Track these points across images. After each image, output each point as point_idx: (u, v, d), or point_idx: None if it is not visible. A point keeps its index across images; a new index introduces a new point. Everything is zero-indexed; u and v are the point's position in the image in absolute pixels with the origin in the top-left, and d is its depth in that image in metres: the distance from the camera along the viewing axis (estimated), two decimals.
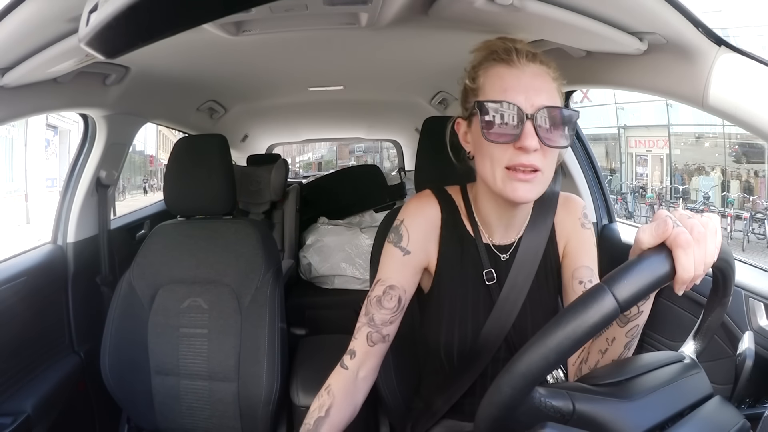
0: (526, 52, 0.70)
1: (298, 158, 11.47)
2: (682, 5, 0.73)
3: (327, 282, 2.27)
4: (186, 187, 1.27)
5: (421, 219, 0.81)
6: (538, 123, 0.66)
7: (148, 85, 1.43)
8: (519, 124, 0.66)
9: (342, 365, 0.80)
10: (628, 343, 0.64)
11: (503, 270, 0.81)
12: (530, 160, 0.66)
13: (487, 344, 0.79)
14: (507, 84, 0.68)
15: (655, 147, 12.36)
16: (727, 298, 0.60)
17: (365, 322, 0.80)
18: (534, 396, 0.50)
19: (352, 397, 0.79)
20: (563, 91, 0.74)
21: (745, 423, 0.55)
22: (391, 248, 0.81)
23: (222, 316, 1.22)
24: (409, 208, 0.83)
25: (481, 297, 0.81)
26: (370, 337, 0.79)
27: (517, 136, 0.66)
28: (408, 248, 0.80)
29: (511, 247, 0.82)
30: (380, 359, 0.82)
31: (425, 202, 0.83)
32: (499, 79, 0.69)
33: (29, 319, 1.24)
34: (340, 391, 0.78)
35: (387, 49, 1.25)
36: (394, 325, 0.80)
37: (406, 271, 0.80)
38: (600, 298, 0.45)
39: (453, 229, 0.82)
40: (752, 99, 0.74)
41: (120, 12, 0.42)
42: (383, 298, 0.79)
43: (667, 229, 0.46)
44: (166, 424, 1.23)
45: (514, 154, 0.67)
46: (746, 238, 8.89)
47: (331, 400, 0.77)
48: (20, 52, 0.87)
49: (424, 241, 0.81)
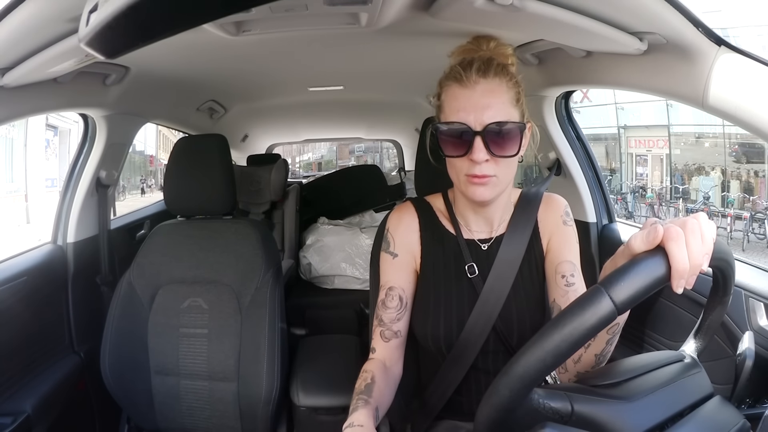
0: (479, 66, 0.77)
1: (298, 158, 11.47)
2: (682, 5, 0.73)
3: (327, 282, 2.27)
4: (186, 187, 1.27)
5: (402, 226, 0.91)
6: (487, 137, 0.76)
7: (148, 85, 1.43)
8: (469, 140, 0.76)
9: (370, 357, 0.88)
10: (610, 340, 0.67)
11: (485, 264, 0.87)
12: (482, 170, 0.77)
13: (473, 336, 0.84)
14: (459, 104, 0.78)
15: (655, 147, 12.35)
16: (728, 298, 0.60)
17: (377, 324, 0.89)
18: (532, 398, 0.50)
19: (388, 374, 0.85)
20: (521, 96, 0.81)
21: (745, 423, 0.55)
22: (384, 255, 0.91)
23: (222, 316, 1.22)
24: (392, 218, 0.93)
25: (465, 290, 0.87)
26: (383, 335, 0.87)
27: (468, 150, 0.76)
28: (395, 252, 0.90)
29: (491, 240, 0.89)
30: (400, 351, 0.89)
31: (404, 211, 0.93)
32: (454, 100, 0.79)
33: (29, 319, 1.24)
34: (376, 369, 0.83)
35: (387, 49, 1.25)
36: (403, 321, 0.88)
37: (400, 272, 0.89)
38: (597, 301, 0.45)
39: (432, 231, 0.91)
40: (752, 99, 0.74)
41: (120, 12, 0.42)
42: (386, 300, 0.88)
43: (658, 233, 0.47)
44: (166, 424, 1.23)
45: (469, 165, 0.78)
46: (746, 238, 8.88)
47: (372, 374, 0.81)
48: (20, 52, 0.87)
49: (407, 244, 0.90)
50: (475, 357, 0.85)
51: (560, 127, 1.41)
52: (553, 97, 1.36)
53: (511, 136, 0.77)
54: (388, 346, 0.87)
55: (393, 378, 0.86)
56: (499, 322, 0.84)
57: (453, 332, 0.85)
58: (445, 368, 0.87)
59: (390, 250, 0.90)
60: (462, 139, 0.77)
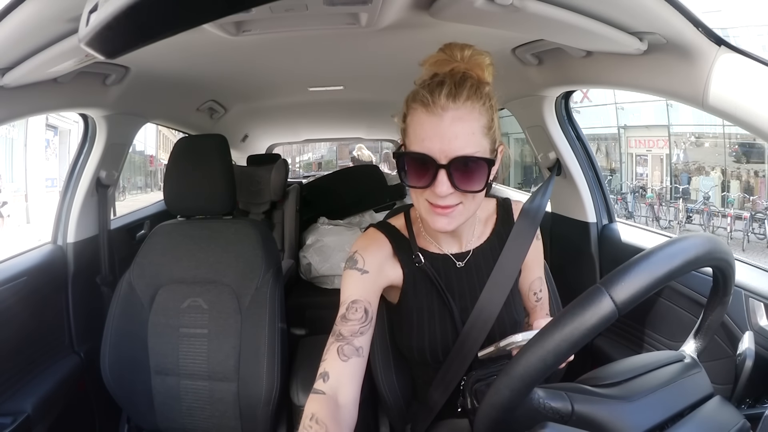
0: (450, 90, 0.70)
1: (298, 158, 11.45)
2: (682, 5, 0.73)
3: (327, 282, 2.27)
4: (186, 187, 1.27)
5: (374, 248, 0.85)
6: (452, 170, 0.70)
7: (148, 85, 1.43)
8: (433, 172, 0.70)
9: (315, 392, 0.72)
10: None
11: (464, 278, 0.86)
12: (445, 201, 0.72)
13: (469, 339, 0.83)
14: (425, 133, 0.71)
15: (655, 147, 12.35)
16: (728, 298, 0.60)
17: (333, 341, 0.76)
18: (533, 397, 0.50)
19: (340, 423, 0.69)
20: (493, 122, 0.74)
21: (745, 423, 0.55)
22: (348, 271, 0.82)
23: (222, 316, 1.22)
24: (360, 242, 0.86)
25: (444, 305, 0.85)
26: (342, 352, 0.74)
27: (431, 182, 0.71)
28: (365, 269, 0.81)
29: (467, 255, 0.87)
30: (358, 379, 0.74)
31: (373, 236, 0.87)
32: (420, 127, 0.71)
33: (29, 319, 1.24)
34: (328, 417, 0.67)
35: (387, 49, 1.25)
36: (366, 336, 0.76)
37: (367, 287, 0.81)
38: (597, 300, 0.45)
39: (407, 252, 0.86)
40: (752, 99, 0.74)
41: (120, 12, 0.42)
42: (347, 313, 0.78)
43: None
44: (166, 424, 1.23)
45: (431, 194, 0.72)
46: (746, 238, 8.88)
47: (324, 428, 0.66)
48: (20, 52, 0.87)
49: (380, 264, 0.83)
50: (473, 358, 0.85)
51: (560, 127, 1.41)
52: (553, 97, 1.36)
53: (479, 171, 0.71)
54: (345, 368, 0.73)
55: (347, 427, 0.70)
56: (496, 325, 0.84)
57: (438, 346, 0.85)
58: (444, 368, 0.87)
59: (358, 267, 0.81)
60: (425, 170, 0.71)
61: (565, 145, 1.41)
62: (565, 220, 1.49)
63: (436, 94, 0.70)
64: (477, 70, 0.75)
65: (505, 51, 1.20)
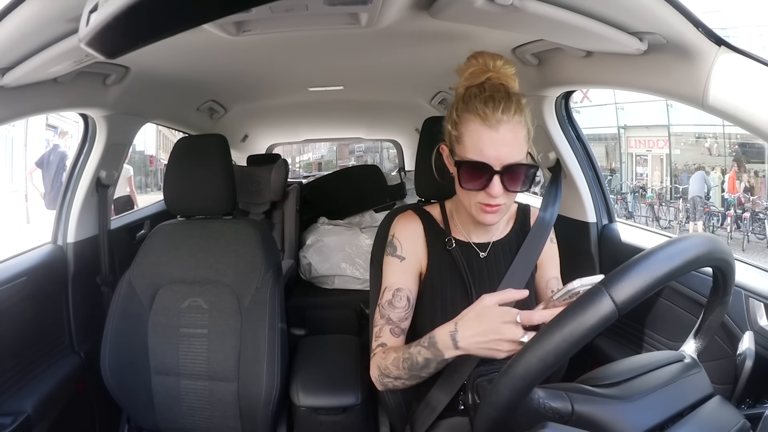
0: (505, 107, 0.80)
1: (298, 158, 11.45)
2: (682, 5, 0.73)
3: (327, 282, 2.27)
4: (186, 187, 1.27)
5: (409, 231, 0.97)
6: (504, 176, 0.81)
7: (148, 85, 1.43)
8: (489, 177, 0.81)
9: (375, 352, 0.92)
10: None
11: (483, 267, 0.95)
12: (496, 201, 0.84)
13: None
14: (483, 144, 0.81)
15: (655, 147, 12.35)
16: (728, 298, 0.60)
17: (384, 323, 0.92)
18: (533, 397, 0.50)
19: None
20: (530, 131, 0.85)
21: (745, 423, 0.55)
22: (390, 258, 0.96)
23: (222, 316, 1.22)
24: (397, 225, 0.99)
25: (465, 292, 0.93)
26: (393, 332, 0.92)
27: (486, 185, 0.82)
28: (403, 255, 0.95)
29: (488, 246, 0.97)
30: None
31: (409, 218, 0.99)
32: (477, 138, 0.82)
33: (29, 319, 1.24)
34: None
35: (387, 49, 1.25)
36: (408, 321, 0.94)
37: (407, 275, 0.94)
38: (598, 300, 0.45)
39: (435, 236, 0.97)
40: (752, 99, 0.74)
41: (120, 12, 0.42)
42: (394, 300, 0.92)
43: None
44: (166, 424, 1.23)
45: (483, 196, 0.83)
46: (746, 238, 8.87)
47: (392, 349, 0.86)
48: (20, 52, 0.87)
49: (414, 248, 0.96)
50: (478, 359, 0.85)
51: (560, 127, 1.41)
52: (553, 97, 1.36)
53: (525, 174, 0.83)
54: (397, 341, 0.92)
55: None
56: None
57: None
58: (450, 367, 0.87)
59: (397, 254, 0.95)
60: (481, 175, 0.82)
61: (565, 145, 1.41)
62: (565, 220, 1.49)
63: (490, 107, 0.80)
64: (508, 80, 0.85)
65: (505, 51, 1.20)
